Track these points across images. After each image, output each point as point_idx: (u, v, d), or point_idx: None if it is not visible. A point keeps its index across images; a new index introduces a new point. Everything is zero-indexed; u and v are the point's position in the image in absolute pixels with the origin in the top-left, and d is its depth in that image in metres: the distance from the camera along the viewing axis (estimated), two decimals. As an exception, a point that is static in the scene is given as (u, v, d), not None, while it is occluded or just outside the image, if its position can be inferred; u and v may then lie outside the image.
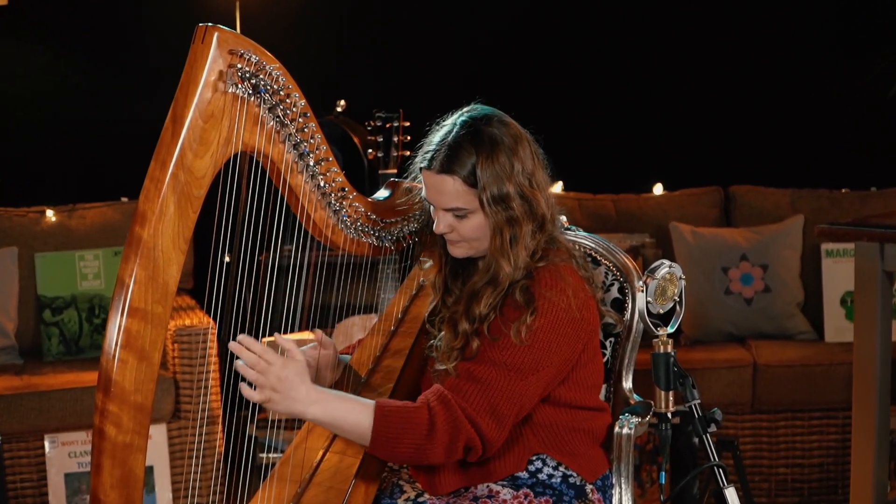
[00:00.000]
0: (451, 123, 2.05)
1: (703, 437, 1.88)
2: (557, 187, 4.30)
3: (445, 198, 2.02)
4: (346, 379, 2.18)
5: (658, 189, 4.55)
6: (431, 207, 2.08)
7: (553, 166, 2.12)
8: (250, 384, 1.89)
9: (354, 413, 1.92)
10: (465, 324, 2.02)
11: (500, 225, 2.00)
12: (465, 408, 1.95)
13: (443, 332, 2.08)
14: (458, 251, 2.08)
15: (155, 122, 1.89)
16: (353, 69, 4.61)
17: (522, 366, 1.97)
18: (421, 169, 2.05)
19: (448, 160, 2.00)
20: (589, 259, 2.20)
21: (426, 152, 2.04)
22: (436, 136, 2.05)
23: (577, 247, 2.20)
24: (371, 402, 1.94)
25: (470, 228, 2.03)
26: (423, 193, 2.08)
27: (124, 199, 4.18)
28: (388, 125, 3.44)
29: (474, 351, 2.00)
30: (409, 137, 3.43)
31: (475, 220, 2.02)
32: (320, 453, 2.06)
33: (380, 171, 3.44)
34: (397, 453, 1.94)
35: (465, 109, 2.07)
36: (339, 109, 4.13)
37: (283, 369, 1.87)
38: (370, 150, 3.47)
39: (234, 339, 1.92)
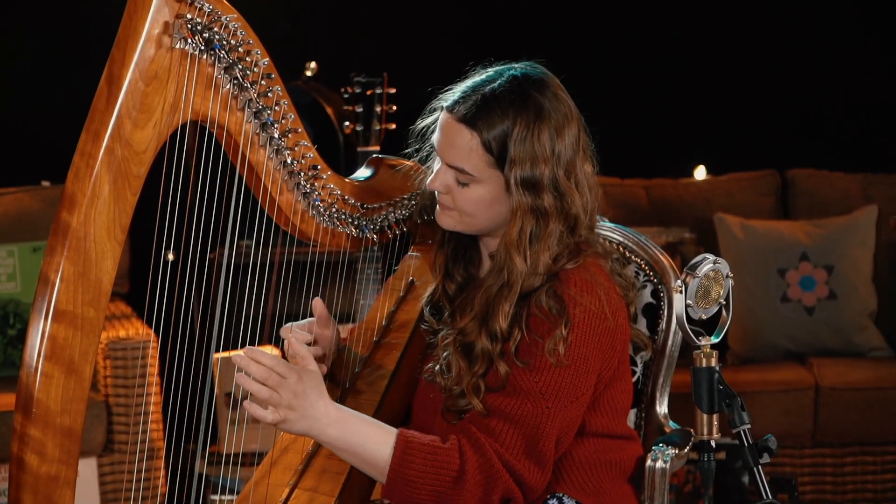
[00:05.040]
0: (495, 72, 2.05)
1: (755, 468, 1.89)
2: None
3: (455, 152, 2.03)
4: (343, 362, 2.21)
5: (700, 173, 4.57)
6: (437, 159, 2.09)
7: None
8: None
9: (375, 441, 1.95)
10: (485, 341, 2.02)
11: (522, 213, 2.01)
12: (501, 453, 1.96)
13: (445, 359, 2.07)
14: (445, 219, 2.09)
15: (85, 89, 1.91)
16: (325, 24, 4.62)
17: (560, 392, 1.99)
18: (442, 108, 2.05)
19: (476, 111, 2.00)
20: (615, 256, 2.21)
21: (456, 93, 2.04)
22: (473, 80, 2.05)
23: (607, 242, 2.21)
24: (395, 431, 1.96)
25: (468, 199, 2.04)
26: (434, 138, 2.08)
27: (45, 184, 4.19)
28: (368, 92, 3.46)
29: (503, 378, 2.00)
30: (394, 107, 3.45)
31: (477, 191, 2.03)
32: (286, 490, 2.08)
33: (359, 149, 3.46)
34: (417, 498, 1.96)
35: (520, 64, 2.07)
36: (308, 74, 4.15)
37: (299, 383, 1.91)
38: (347, 123, 3.48)
39: (179, 354, 1.94)
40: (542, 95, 2.02)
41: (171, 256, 1.94)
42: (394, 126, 3.44)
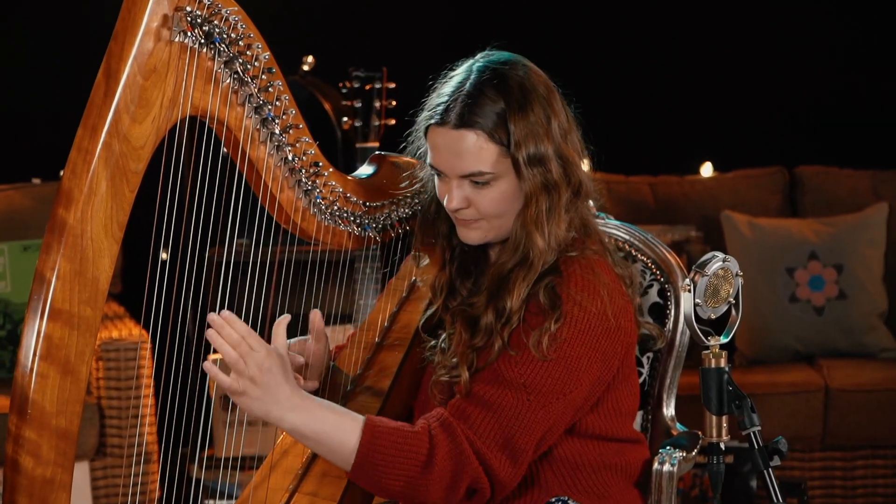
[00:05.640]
0: (463, 71, 2.07)
1: (765, 471, 1.90)
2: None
3: (465, 160, 2.03)
4: (331, 382, 2.20)
5: (707, 170, 4.58)
6: (437, 180, 2.10)
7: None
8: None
9: (341, 429, 1.94)
10: (490, 316, 2.03)
11: (535, 191, 2.03)
12: (472, 440, 1.96)
13: (451, 331, 2.08)
14: (473, 234, 2.09)
15: (76, 85, 1.92)
16: (323, 17, 4.63)
17: (545, 388, 1.99)
18: (429, 127, 2.06)
19: (468, 111, 2.01)
20: (621, 255, 2.23)
21: (435, 106, 2.05)
22: (446, 87, 2.06)
23: (609, 238, 2.23)
24: (361, 418, 1.96)
25: (492, 200, 2.04)
26: (430, 160, 2.08)
27: (36, 181, 4.19)
28: (367, 87, 3.47)
29: (495, 355, 2.01)
30: (394, 102, 3.46)
31: (500, 187, 2.04)
32: (286, 495, 2.08)
33: (357, 145, 3.47)
34: (384, 484, 1.96)
35: (478, 56, 2.09)
36: (305, 68, 4.15)
37: (267, 358, 1.90)
38: (345, 119, 3.50)
39: (176, 357, 1.94)
40: (517, 72, 2.04)
41: (164, 255, 1.94)
42: (393, 122, 3.45)
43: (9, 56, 4.46)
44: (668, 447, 2.19)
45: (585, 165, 2.15)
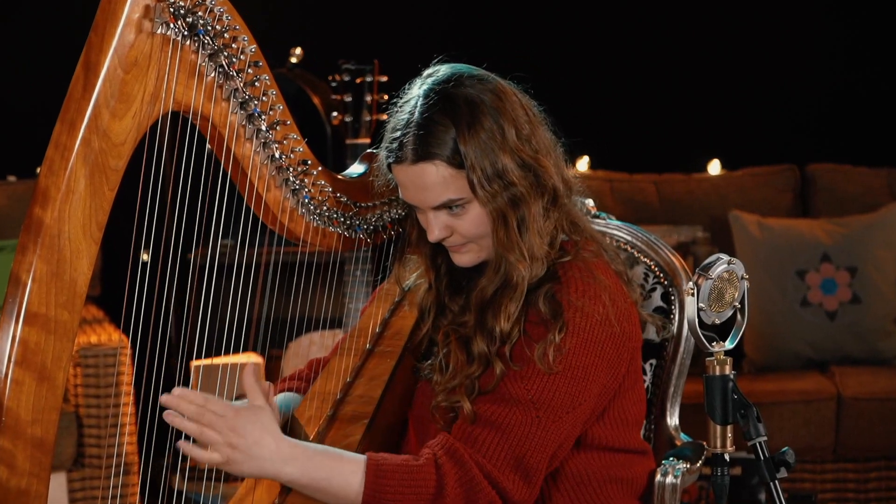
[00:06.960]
0: (413, 98, 2.08)
1: (771, 484, 1.92)
2: (581, 164, 4.34)
3: (432, 192, 2.04)
4: (318, 393, 2.20)
5: (714, 168, 4.59)
6: (417, 212, 2.11)
7: (573, 137, 2.15)
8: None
9: (342, 472, 1.95)
10: (481, 343, 2.04)
11: (501, 210, 2.03)
12: (482, 464, 1.97)
13: (445, 350, 2.10)
14: (466, 258, 2.10)
15: (52, 79, 1.92)
16: (311, 7, 4.64)
17: (553, 402, 2.00)
18: (390, 165, 2.08)
19: (421, 143, 2.02)
20: (623, 255, 2.24)
21: (390, 142, 2.07)
22: (397, 120, 2.08)
23: (607, 238, 2.24)
24: (362, 458, 1.97)
25: (471, 222, 2.06)
26: (400, 195, 2.10)
27: (12, 179, 4.18)
28: (358, 80, 3.48)
29: (497, 379, 2.02)
30: (385, 96, 3.47)
31: (476, 209, 2.05)
32: (272, 509, 2.09)
33: (347, 141, 3.49)
34: None
35: (424, 74, 2.10)
36: (293, 60, 4.17)
37: (237, 419, 1.90)
38: (335, 114, 3.51)
39: (157, 363, 1.95)
40: (462, 88, 2.04)
41: (145, 257, 1.94)
42: (385, 117, 3.46)
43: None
44: (671, 458, 2.20)
45: (582, 163, 2.16)
